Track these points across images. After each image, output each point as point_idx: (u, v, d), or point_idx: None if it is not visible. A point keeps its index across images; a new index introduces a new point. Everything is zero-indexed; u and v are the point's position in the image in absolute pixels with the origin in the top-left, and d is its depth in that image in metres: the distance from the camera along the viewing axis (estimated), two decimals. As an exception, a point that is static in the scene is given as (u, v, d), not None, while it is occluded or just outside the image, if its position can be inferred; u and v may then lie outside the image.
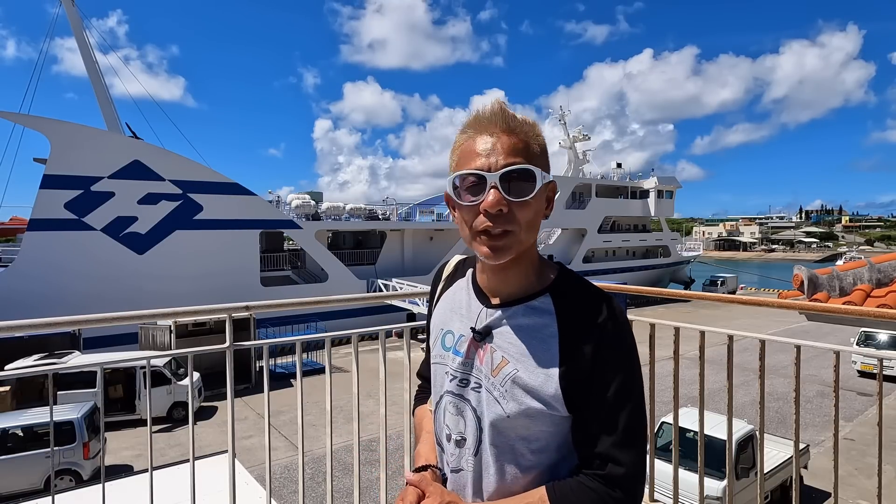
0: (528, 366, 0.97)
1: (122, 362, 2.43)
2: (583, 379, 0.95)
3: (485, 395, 1.02)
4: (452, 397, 1.07)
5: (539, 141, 1.01)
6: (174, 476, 3.19)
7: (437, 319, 1.18)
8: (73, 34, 23.53)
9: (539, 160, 0.99)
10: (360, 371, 2.57)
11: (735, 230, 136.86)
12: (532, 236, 1.00)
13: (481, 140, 0.97)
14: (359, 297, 3.02)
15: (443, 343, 1.12)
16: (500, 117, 0.98)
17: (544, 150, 1.02)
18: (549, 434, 0.98)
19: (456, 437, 1.06)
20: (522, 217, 0.96)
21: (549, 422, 0.97)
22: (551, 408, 0.96)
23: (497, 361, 1.00)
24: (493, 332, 1.03)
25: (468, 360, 1.05)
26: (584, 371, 0.95)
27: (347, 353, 14.48)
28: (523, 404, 0.97)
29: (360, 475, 2.67)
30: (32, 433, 10.65)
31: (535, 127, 1.01)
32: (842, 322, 4.83)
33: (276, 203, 28.46)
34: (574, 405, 0.96)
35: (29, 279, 20.10)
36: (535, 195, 0.96)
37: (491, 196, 0.94)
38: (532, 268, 1.05)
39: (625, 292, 3.08)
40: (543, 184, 0.98)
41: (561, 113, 44.04)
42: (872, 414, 13.68)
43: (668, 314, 21.94)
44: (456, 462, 1.07)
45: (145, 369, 2.42)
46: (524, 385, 0.97)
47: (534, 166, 0.96)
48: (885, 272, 5.09)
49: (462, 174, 0.97)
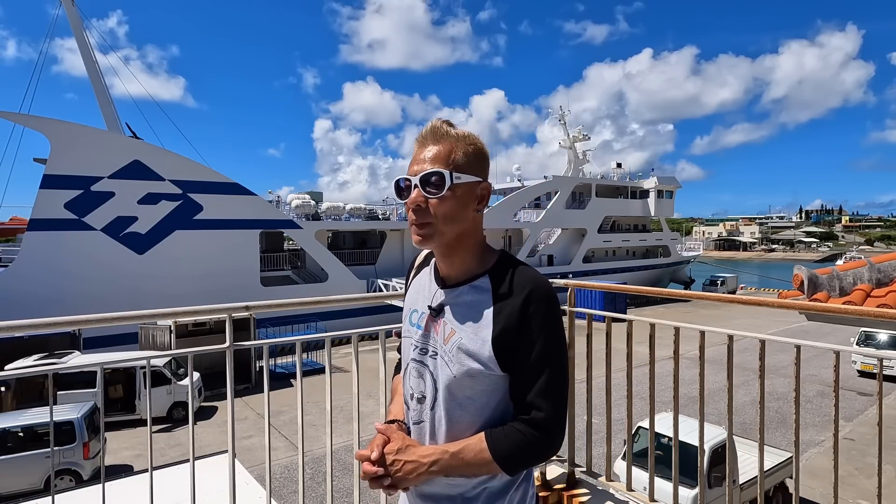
0: (469, 334, 1.20)
1: (122, 362, 2.43)
2: (511, 343, 1.16)
3: (439, 360, 1.24)
4: (415, 364, 1.31)
5: (467, 149, 1.22)
6: (174, 476, 3.18)
7: (407, 301, 1.42)
8: (73, 34, 23.54)
9: (461, 165, 1.20)
10: (360, 371, 2.57)
11: (735, 230, 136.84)
12: (453, 227, 1.21)
13: (417, 152, 1.24)
14: (359, 297, 3.01)
15: (409, 320, 1.36)
16: (431, 133, 1.23)
17: (473, 157, 1.23)
18: (488, 392, 1.20)
19: (418, 395, 1.29)
20: (438, 210, 1.19)
21: (487, 381, 1.19)
22: (488, 368, 1.18)
23: (447, 332, 1.24)
24: (445, 308, 1.26)
25: (427, 333, 1.29)
26: (512, 336, 1.16)
27: (347, 353, 14.48)
28: (465, 366, 1.19)
29: (360, 475, 2.67)
30: (32, 433, 10.65)
31: (466, 138, 1.23)
32: (842, 322, 4.83)
33: (276, 203, 28.46)
34: (506, 365, 1.18)
35: (29, 279, 20.10)
36: (450, 192, 1.18)
37: (413, 194, 1.20)
38: (474, 254, 1.27)
39: (625, 292, 3.08)
40: (465, 183, 1.20)
41: (561, 113, 44.04)
42: (872, 414, 13.67)
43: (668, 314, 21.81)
44: (417, 416, 1.30)
45: (145, 369, 2.42)
46: (466, 350, 1.19)
47: (446, 170, 1.18)
48: (885, 272, 5.09)
49: (400, 178, 1.24)
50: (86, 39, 23.72)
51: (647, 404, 2.73)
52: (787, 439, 11.55)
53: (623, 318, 2.93)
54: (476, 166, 1.23)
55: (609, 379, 2.97)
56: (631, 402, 2.84)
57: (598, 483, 2.95)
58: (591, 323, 2.99)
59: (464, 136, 1.23)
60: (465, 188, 1.21)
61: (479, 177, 1.23)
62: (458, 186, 1.19)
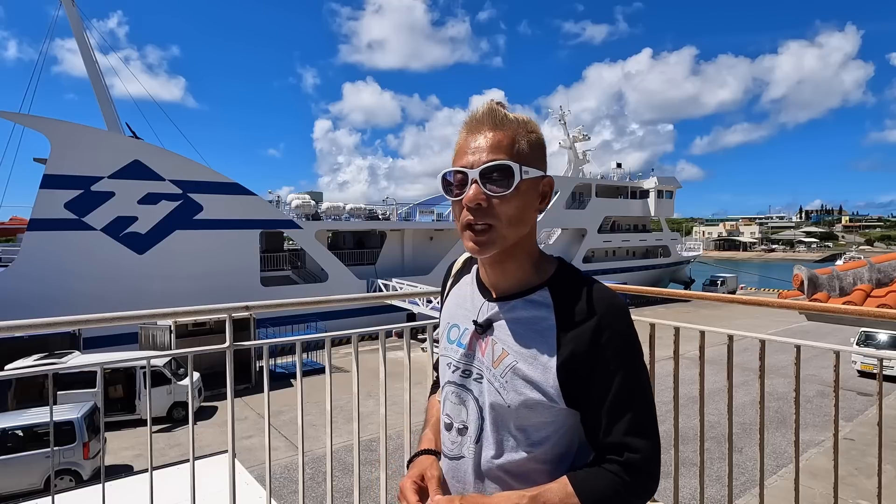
0: (527, 357, 1.00)
1: (122, 362, 2.43)
2: (582, 371, 0.98)
3: (486, 385, 1.05)
4: (454, 387, 1.11)
5: (530, 137, 1.03)
6: (174, 476, 3.18)
7: (445, 314, 1.22)
8: (73, 35, 23.54)
9: (527, 156, 1.01)
10: (360, 371, 2.57)
11: (735, 230, 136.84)
12: (517, 230, 1.02)
13: (471, 139, 1.02)
14: (359, 297, 3.01)
15: (448, 336, 1.17)
16: (488, 117, 1.02)
17: (536, 146, 1.04)
18: (549, 425, 1.01)
19: (458, 425, 1.10)
20: (502, 211, 0.99)
21: (549, 413, 1.00)
22: (551, 399, 0.98)
23: (498, 353, 1.04)
24: (494, 324, 1.06)
25: (470, 352, 1.09)
26: (583, 364, 0.97)
27: (347, 353, 14.49)
28: (523, 395, 0.99)
29: (359, 475, 2.67)
30: (32, 433, 10.65)
31: (527, 124, 1.04)
32: (842, 322, 4.83)
33: (276, 203, 28.46)
34: (573, 398, 0.99)
35: (29, 279, 20.10)
36: (516, 190, 0.99)
37: (471, 191, 0.99)
38: (530, 262, 1.08)
39: (625, 292, 3.08)
40: (532, 178, 1.01)
41: (561, 113, 44.04)
42: (872, 414, 13.67)
43: (668, 314, 21.86)
44: (457, 450, 1.09)
45: (145, 369, 2.42)
46: (524, 376, 1.00)
47: (514, 162, 0.99)
48: (885, 272, 5.09)
49: (450, 171, 1.03)
50: (86, 40, 23.72)
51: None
52: (787, 439, 11.55)
53: (623, 318, 2.93)
54: (540, 157, 1.05)
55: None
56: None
57: (598, 483, 2.95)
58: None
59: (525, 122, 1.05)
60: (530, 184, 1.02)
61: (542, 169, 1.05)
62: (526, 182, 1.01)
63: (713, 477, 9.44)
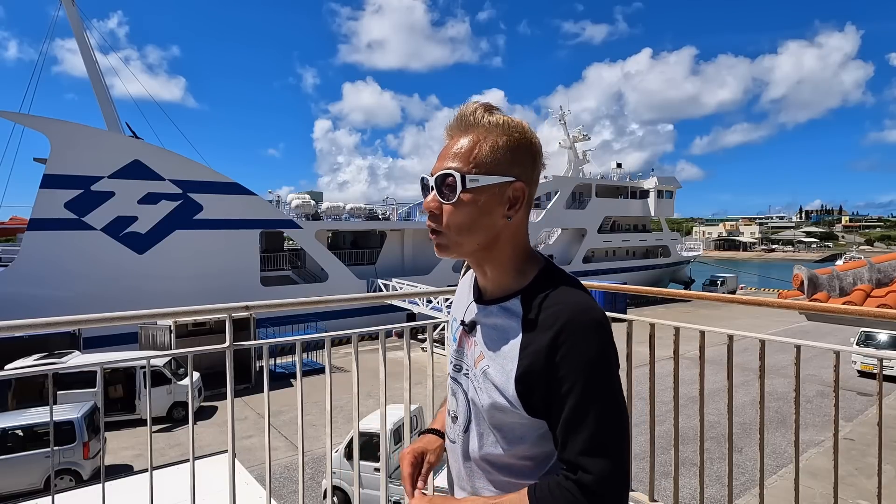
0: (496, 364, 1.02)
1: (122, 362, 2.43)
2: (537, 386, 0.95)
3: (471, 381, 1.08)
4: (451, 380, 1.17)
5: (498, 142, 1.00)
6: (174, 476, 3.19)
7: (453, 306, 1.27)
8: (73, 35, 23.54)
9: (486, 163, 0.99)
10: (360, 371, 2.57)
11: (735, 230, 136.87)
12: (472, 238, 1.01)
13: (446, 143, 1.05)
14: (359, 297, 3.01)
15: (451, 328, 1.21)
16: (458, 121, 1.02)
17: (505, 151, 1.00)
18: (522, 426, 1.01)
19: (452, 414, 1.16)
20: (451, 220, 1.00)
21: (517, 416, 1.00)
22: (513, 406, 0.99)
23: (476, 355, 1.07)
24: (476, 326, 1.09)
25: (460, 349, 1.14)
26: (538, 379, 0.95)
27: (347, 353, 14.46)
28: (492, 398, 1.01)
29: (360, 475, 2.67)
30: (32, 433, 10.66)
31: (501, 127, 1.01)
32: (842, 322, 4.82)
33: (276, 203, 28.48)
34: (533, 410, 0.97)
35: (29, 279, 20.10)
36: (460, 199, 0.98)
37: (429, 197, 1.02)
38: (510, 267, 1.06)
39: (625, 292, 3.08)
40: (484, 186, 0.99)
41: (561, 113, 44.04)
42: (872, 414, 13.67)
43: (668, 314, 21.78)
44: (452, 435, 1.16)
45: (145, 369, 2.42)
46: (493, 380, 1.01)
47: (462, 171, 0.98)
48: (885, 272, 5.09)
49: (423, 176, 1.06)
50: (86, 40, 23.72)
51: (647, 404, 2.73)
52: (787, 439, 11.55)
53: (623, 318, 2.93)
54: (508, 162, 1.00)
55: (609, 379, 2.97)
56: (631, 402, 2.84)
57: (598, 483, 2.95)
58: (591, 323, 2.98)
59: (498, 125, 1.01)
60: (489, 191, 0.99)
61: (510, 175, 1.00)
62: (475, 190, 0.98)
63: (713, 477, 9.45)
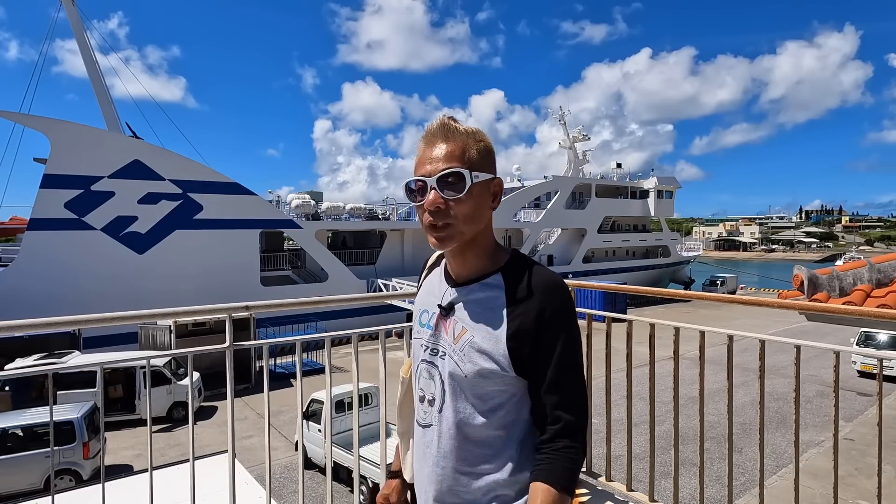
0: (482, 332, 1.16)
1: (122, 362, 2.43)
2: (526, 345, 1.13)
3: (448, 360, 1.20)
4: (425, 364, 1.27)
5: (478, 146, 1.19)
6: (174, 476, 3.18)
7: (418, 303, 1.39)
8: (73, 35, 23.54)
9: (477, 163, 1.17)
10: (360, 371, 2.57)
11: (735, 230, 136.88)
12: (473, 226, 1.18)
13: (427, 151, 1.18)
14: (359, 297, 3.01)
15: (420, 321, 1.33)
16: (440, 130, 1.18)
17: (484, 154, 1.19)
18: (502, 393, 1.17)
19: (429, 397, 1.26)
20: (459, 211, 1.15)
21: (500, 381, 1.16)
22: (502, 368, 1.14)
23: (458, 331, 1.20)
24: (455, 307, 1.23)
25: (437, 333, 1.26)
26: (528, 338, 1.13)
27: (347, 353, 14.49)
28: (478, 365, 1.15)
29: (360, 475, 2.67)
30: (32, 433, 10.65)
31: (475, 135, 1.20)
32: (842, 322, 4.83)
33: (276, 203, 28.48)
34: (520, 367, 1.14)
35: (29, 279, 20.10)
36: (469, 193, 1.14)
37: (430, 196, 1.15)
38: (487, 253, 1.24)
39: (625, 292, 3.08)
40: (482, 181, 1.17)
41: (560, 113, 44.04)
42: (872, 414, 13.67)
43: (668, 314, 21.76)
44: (426, 419, 1.26)
45: (145, 369, 2.42)
46: (479, 348, 1.16)
47: (465, 168, 1.14)
48: (885, 272, 5.09)
49: (412, 180, 1.19)
50: (86, 40, 23.71)
51: (648, 404, 2.73)
52: (786, 439, 11.55)
53: (623, 319, 2.93)
54: (489, 162, 1.20)
55: (609, 379, 2.97)
56: (631, 402, 2.84)
57: (598, 483, 2.95)
58: (591, 323, 2.99)
59: (473, 133, 1.20)
60: (482, 186, 1.18)
61: (493, 173, 1.20)
62: (478, 185, 1.16)
63: (713, 477, 9.45)
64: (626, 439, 2.84)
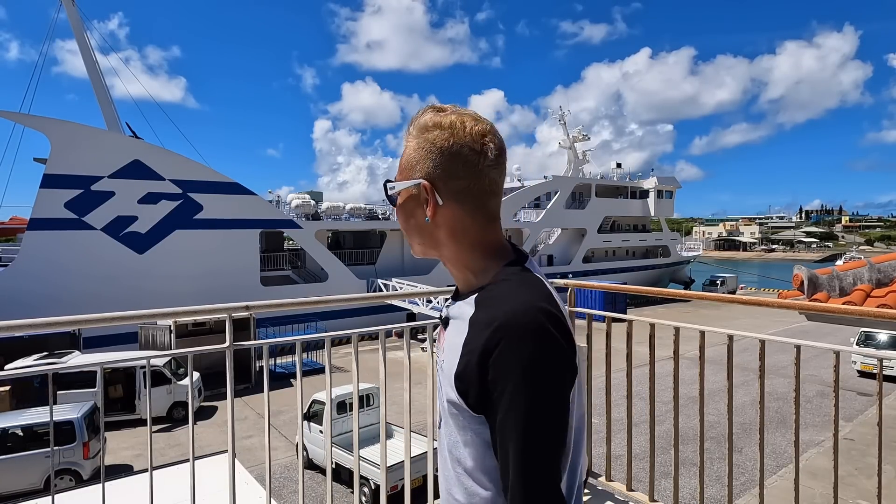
0: (450, 358, 0.96)
1: (121, 362, 2.43)
2: (473, 384, 0.89)
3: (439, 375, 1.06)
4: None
5: (417, 144, 1.00)
6: (174, 476, 3.18)
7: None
8: (73, 36, 23.56)
9: (406, 169, 1.02)
10: (360, 371, 2.57)
11: (735, 230, 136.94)
12: (412, 240, 1.06)
13: None
14: (359, 297, 3.02)
15: None
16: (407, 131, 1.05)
17: (419, 153, 0.99)
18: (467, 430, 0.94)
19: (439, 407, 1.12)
20: (400, 223, 1.07)
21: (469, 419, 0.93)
22: (458, 403, 0.93)
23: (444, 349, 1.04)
24: (448, 321, 1.06)
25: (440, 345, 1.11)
26: (474, 375, 0.89)
27: (347, 352, 14.49)
28: (447, 393, 0.96)
29: (360, 475, 2.67)
30: (32, 433, 10.65)
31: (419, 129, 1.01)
32: (842, 322, 4.83)
33: (276, 203, 28.50)
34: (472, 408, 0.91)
35: (29, 278, 20.11)
36: (399, 206, 1.03)
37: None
38: (465, 266, 1.04)
39: (625, 292, 3.08)
40: (405, 189, 1.01)
41: (560, 113, 44.07)
42: (872, 414, 13.68)
43: (668, 314, 21.77)
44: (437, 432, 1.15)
45: (145, 369, 2.42)
46: (446, 374, 0.97)
47: (394, 179, 1.04)
48: (885, 272, 5.09)
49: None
50: (86, 40, 23.74)
51: (648, 404, 2.73)
52: (787, 439, 11.55)
53: (623, 319, 2.93)
54: (421, 164, 0.99)
55: (609, 379, 2.97)
56: (631, 402, 2.84)
57: (598, 483, 2.96)
58: (591, 323, 2.99)
59: (420, 127, 1.00)
60: (407, 195, 1.01)
61: (415, 177, 0.99)
62: (400, 196, 1.02)
63: (713, 477, 9.45)
64: (626, 439, 2.84)
